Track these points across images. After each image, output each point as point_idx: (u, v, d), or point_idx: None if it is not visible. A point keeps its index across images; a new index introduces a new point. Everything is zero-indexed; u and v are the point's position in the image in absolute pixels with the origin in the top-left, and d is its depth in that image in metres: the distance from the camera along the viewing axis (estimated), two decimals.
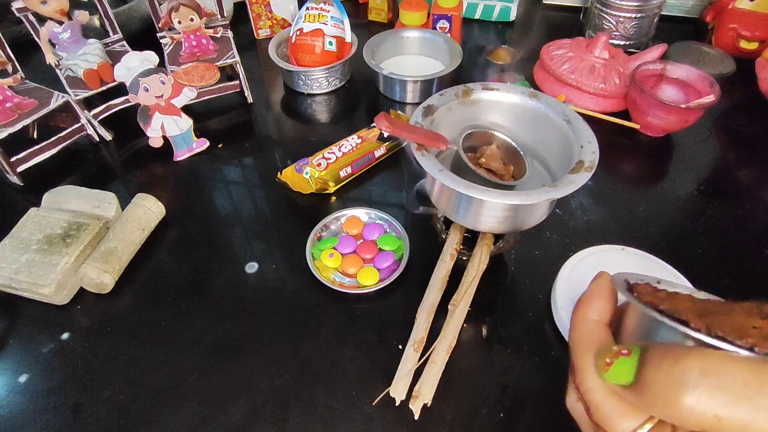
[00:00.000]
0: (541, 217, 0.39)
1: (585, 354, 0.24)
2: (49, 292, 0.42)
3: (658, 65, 0.60)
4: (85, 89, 0.57)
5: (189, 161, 0.58)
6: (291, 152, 0.59)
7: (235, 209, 0.53)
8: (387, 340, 0.41)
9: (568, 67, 0.63)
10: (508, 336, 0.41)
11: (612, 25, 0.73)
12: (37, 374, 0.39)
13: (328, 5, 0.67)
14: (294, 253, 0.47)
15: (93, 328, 0.42)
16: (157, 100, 0.54)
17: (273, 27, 0.79)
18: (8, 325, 0.43)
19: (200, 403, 0.37)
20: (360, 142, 0.55)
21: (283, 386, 0.38)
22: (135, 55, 0.54)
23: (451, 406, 0.37)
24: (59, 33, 0.56)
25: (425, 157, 0.36)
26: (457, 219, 0.40)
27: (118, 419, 0.37)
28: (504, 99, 0.43)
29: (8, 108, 0.53)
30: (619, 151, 0.59)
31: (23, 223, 0.47)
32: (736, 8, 0.73)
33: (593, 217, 0.50)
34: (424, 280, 0.41)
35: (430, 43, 0.71)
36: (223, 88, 0.63)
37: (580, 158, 0.36)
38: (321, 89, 0.68)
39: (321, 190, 0.53)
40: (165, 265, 0.47)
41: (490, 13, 0.83)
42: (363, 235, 0.48)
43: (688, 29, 0.80)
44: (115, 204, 0.49)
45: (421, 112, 0.40)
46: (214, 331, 0.42)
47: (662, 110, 0.55)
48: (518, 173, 0.42)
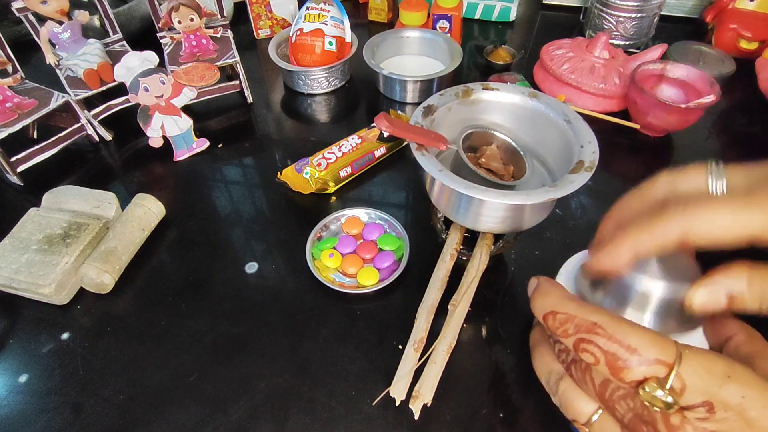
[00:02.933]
0: (541, 217, 0.39)
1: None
2: (49, 292, 0.42)
3: (658, 65, 0.60)
4: (85, 89, 0.57)
5: (189, 161, 0.58)
6: (291, 152, 0.59)
7: (235, 209, 0.53)
8: (387, 340, 0.41)
9: (568, 67, 0.63)
10: (508, 336, 0.41)
11: (612, 25, 0.73)
12: (37, 374, 0.39)
13: (328, 5, 0.67)
14: (294, 253, 0.47)
15: (93, 328, 0.42)
16: (157, 100, 0.54)
17: (273, 27, 0.79)
18: (8, 325, 0.43)
19: (200, 403, 0.37)
20: (360, 142, 0.55)
21: (283, 386, 0.38)
22: (135, 55, 0.54)
23: (451, 406, 0.37)
24: (59, 33, 0.56)
25: (425, 157, 0.36)
26: (457, 219, 0.40)
27: (118, 419, 0.37)
28: (504, 99, 0.43)
29: (8, 108, 0.53)
30: (619, 151, 0.59)
31: (23, 223, 0.47)
32: (737, 8, 0.73)
33: (593, 217, 0.50)
34: (424, 280, 0.41)
35: (430, 43, 0.71)
36: (223, 88, 0.63)
37: (580, 158, 0.36)
38: (321, 89, 0.68)
39: (321, 190, 0.53)
40: (165, 265, 0.47)
41: (490, 13, 0.83)
42: (363, 235, 0.48)
43: (688, 29, 0.80)
44: (115, 204, 0.49)
45: (421, 112, 0.40)
46: (214, 331, 0.42)
47: (662, 110, 0.55)
48: (518, 173, 0.42)
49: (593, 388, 0.25)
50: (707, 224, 0.24)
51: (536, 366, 0.30)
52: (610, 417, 0.25)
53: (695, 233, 0.24)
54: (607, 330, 0.23)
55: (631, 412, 0.23)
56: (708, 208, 0.24)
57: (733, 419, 0.21)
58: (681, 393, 0.21)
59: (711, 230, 0.24)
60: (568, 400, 0.27)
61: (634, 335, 0.23)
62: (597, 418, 0.26)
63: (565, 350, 0.27)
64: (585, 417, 0.26)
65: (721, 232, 0.24)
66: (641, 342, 0.22)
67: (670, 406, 0.22)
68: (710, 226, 0.24)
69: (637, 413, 0.23)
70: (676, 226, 0.25)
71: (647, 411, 0.22)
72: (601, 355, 0.23)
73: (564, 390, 0.27)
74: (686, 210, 0.25)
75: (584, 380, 0.25)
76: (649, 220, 0.26)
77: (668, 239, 0.25)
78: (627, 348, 0.22)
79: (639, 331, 0.23)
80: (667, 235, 0.25)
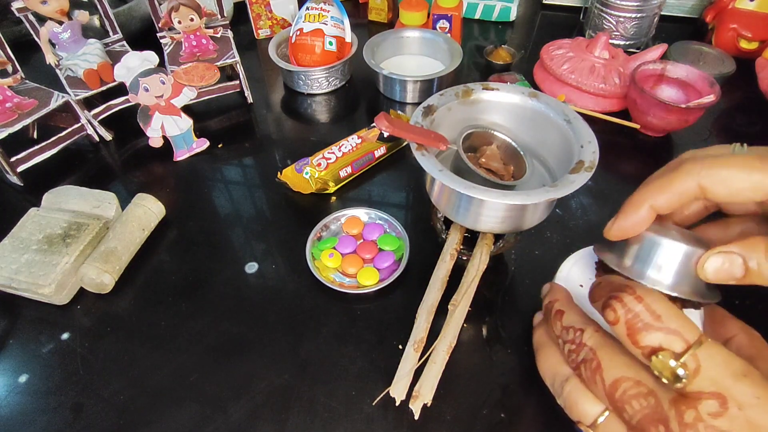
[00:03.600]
0: (541, 217, 0.39)
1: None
2: (49, 292, 0.42)
3: (658, 65, 0.60)
4: (85, 89, 0.57)
5: (189, 161, 0.58)
6: (291, 152, 0.59)
7: (235, 209, 0.53)
8: (387, 340, 0.41)
9: (568, 67, 0.63)
10: (508, 336, 0.41)
11: (612, 25, 0.73)
12: (37, 374, 0.39)
13: (328, 5, 0.67)
14: (294, 253, 0.47)
15: (93, 328, 0.42)
16: (157, 100, 0.54)
17: (273, 27, 0.79)
18: (8, 325, 0.43)
19: (200, 403, 0.37)
20: (360, 142, 0.55)
21: (283, 386, 0.38)
22: (135, 55, 0.54)
23: (451, 406, 0.37)
24: (59, 33, 0.56)
25: (425, 157, 0.36)
26: (457, 219, 0.40)
27: (118, 419, 0.37)
28: (504, 99, 0.43)
29: (8, 108, 0.53)
30: (619, 151, 0.59)
31: (23, 223, 0.47)
32: (737, 8, 0.72)
33: (593, 217, 0.50)
34: (424, 280, 0.41)
35: (430, 43, 0.71)
36: (223, 88, 0.63)
37: (580, 158, 0.36)
38: (321, 89, 0.68)
39: (321, 190, 0.53)
40: (165, 265, 0.47)
41: (490, 13, 0.83)
42: (363, 235, 0.48)
43: (688, 29, 0.80)
44: (115, 204, 0.49)
45: (421, 112, 0.40)
46: (214, 331, 0.42)
47: (662, 110, 0.55)
48: (518, 173, 0.42)
49: (603, 387, 0.25)
50: (723, 177, 0.25)
51: (541, 367, 0.30)
52: (616, 419, 0.25)
53: (711, 185, 0.25)
54: (637, 291, 0.24)
55: (642, 412, 0.23)
56: (725, 161, 0.25)
57: (743, 420, 0.20)
58: (694, 374, 0.21)
59: (726, 183, 0.25)
60: (573, 401, 0.27)
61: (662, 305, 0.23)
62: (603, 420, 0.25)
63: (575, 350, 0.27)
64: (591, 418, 0.26)
65: (737, 186, 0.25)
66: (667, 312, 0.23)
67: (679, 379, 0.21)
68: (726, 179, 0.25)
69: (648, 412, 0.23)
70: (693, 176, 0.25)
71: (660, 409, 0.22)
72: (623, 314, 0.23)
73: (570, 391, 0.27)
74: (704, 162, 0.25)
75: (593, 380, 0.25)
76: (666, 173, 0.27)
77: (685, 190, 0.26)
78: (651, 312, 0.23)
79: (668, 304, 0.23)
80: (685, 185, 0.26)
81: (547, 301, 0.31)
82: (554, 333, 0.29)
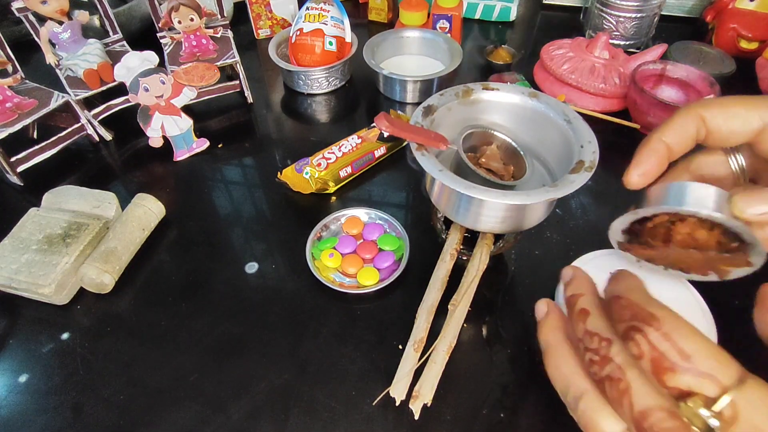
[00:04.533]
0: (541, 217, 0.39)
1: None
2: (49, 292, 0.42)
3: (658, 65, 0.60)
4: (85, 89, 0.57)
5: (189, 161, 0.58)
6: (291, 152, 0.59)
7: (235, 209, 0.53)
8: (387, 340, 0.41)
9: (568, 67, 0.63)
10: (508, 336, 0.41)
11: (612, 25, 0.73)
12: (37, 374, 0.39)
13: (328, 5, 0.67)
14: (294, 253, 0.47)
15: (93, 328, 0.42)
16: (157, 100, 0.54)
17: (273, 27, 0.79)
18: (8, 325, 0.43)
19: (200, 403, 0.37)
20: (360, 142, 0.55)
21: (283, 386, 0.38)
22: (135, 55, 0.54)
23: (451, 406, 0.37)
24: (59, 33, 0.56)
25: (425, 157, 0.36)
26: (457, 219, 0.40)
27: (118, 419, 0.37)
28: (504, 99, 0.43)
29: (8, 108, 0.53)
30: (619, 151, 0.58)
31: (23, 223, 0.47)
32: (737, 8, 0.72)
33: (593, 217, 0.50)
34: (424, 280, 0.41)
35: (430, 43, 0.71)
36: (223, 88, 0.63)
37: (580, 158, 0.36)
38: (321, 89, 0.68)
39: (321, 190, 0.53)
40: (165, 265, 0.47)
41: (490, 13, 0.83)
42: (363, 235, 0.48)
43: (688, 29, 0.80)
44: (115, 204, 0.49)
45: (421, 112, 0.40)
46: (214, 331, 0.42)
47: (662, 110, 0.55)
48: (518, 173, 0.42)
49: (630, 412, 0.21)
50: (722, 103, 0.28)
51: (552, 372, 0.27)
52: None
53: (711, 117, 0.28)
54: (664, 326, 0.21)
55: None
56: (724, 98, 0.29)
57: None
58: (731, 422, 0.19)
59: (724, 110, 0.28)
60: (589, 419, 0.24)
61: (693, 341, 0.21)
62: None
63: (599, 362, 0.23)
64: None
65: (733, 110, 0.28)
66: (699, 351, 0.20)
67: (712, 431, 0.19)
68: (724, 106, 0.28)
69: None
70: (694, 109, 0.28)
71: None
72: (648, 351, 0.21)
73: (585, 409, 0.24)
74: (705, 100, 0.29)
75: (620, 402, 0.22)
76: (670, 116, 0.30)
77: (690, 120, 0.29)
78: (679, 351, 0.20)
79: (700, 339, 0.21)
80: (688, 117, 0.29)
81: (570, 293, 0.27)
82: (574, 334, 0.26)
